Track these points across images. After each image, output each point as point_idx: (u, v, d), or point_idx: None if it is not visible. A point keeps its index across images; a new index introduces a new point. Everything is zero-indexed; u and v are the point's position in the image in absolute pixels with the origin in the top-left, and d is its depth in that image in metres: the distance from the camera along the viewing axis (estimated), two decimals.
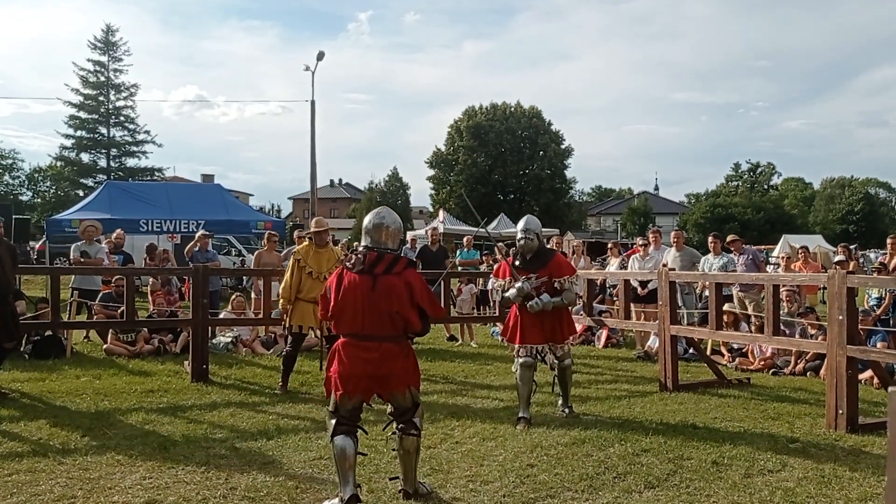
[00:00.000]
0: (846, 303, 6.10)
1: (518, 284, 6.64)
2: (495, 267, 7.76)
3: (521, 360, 6.77)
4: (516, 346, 6.91)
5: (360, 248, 4.74)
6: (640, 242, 12.41)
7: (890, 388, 0.75)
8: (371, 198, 55.32)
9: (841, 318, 6.11)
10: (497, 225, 32.92)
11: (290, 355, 8.05)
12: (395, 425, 4.71)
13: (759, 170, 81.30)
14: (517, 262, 6.82)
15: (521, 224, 6.91)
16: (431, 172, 60.15)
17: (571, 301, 6.89)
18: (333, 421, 4.56)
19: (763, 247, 32.67)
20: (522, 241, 6.76)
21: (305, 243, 8.20)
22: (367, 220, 4.82)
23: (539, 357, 6.88)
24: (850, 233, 61.98)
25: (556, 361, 6.94)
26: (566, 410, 7.06)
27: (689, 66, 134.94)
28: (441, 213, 33.90)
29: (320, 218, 8.46)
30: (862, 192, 70.83)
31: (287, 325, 8.02)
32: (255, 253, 12.75)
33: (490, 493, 4.76)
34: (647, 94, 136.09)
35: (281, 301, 8.03)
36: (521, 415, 6.66)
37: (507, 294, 6.79)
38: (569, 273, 6.79)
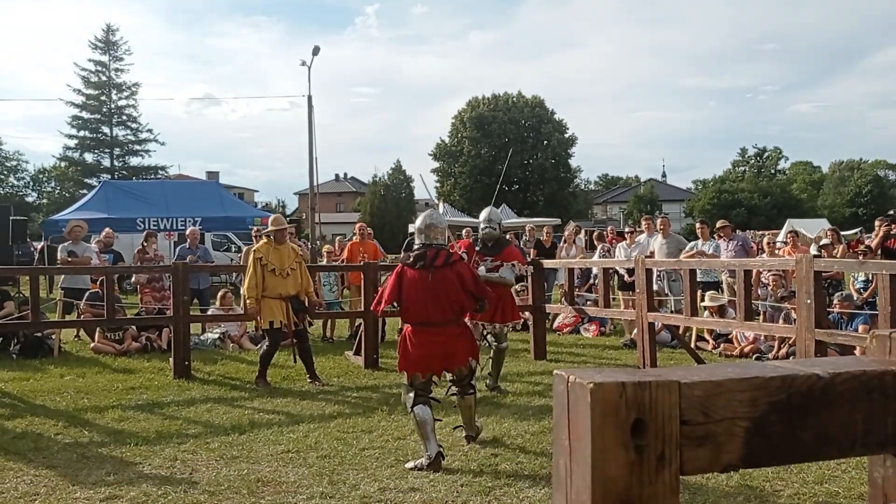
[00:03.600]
0: (814, 287, 6.08)
1: None
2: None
3: None
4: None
5: (416, 246, 5.49)
6: (628, 230, 12.39)
7: (555, 371, 0.76)
8: (375, 191, 55.29)
9: (809, 301, 6.10)
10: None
11: (268, 353, 8.10)
12: (453, 389, 5.57)
13: (766, 154, 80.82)
14: (478, 248, 7.59)
15: (484, 214, 7.68)
16: (436, 165, 60.15)
17: (506, 278, 7.46)
18: (411, 394, 5.31)
19: (768, 232, 32.47)
20: (486, 230, 7.57)
21: (264, 241, 8.20)
22: (418, 221, 5.65)
23: (483, 337, 7.52)
24: (859, 216, 61.53)
25: (494, 343, 7.58)
26: (494, 386, 7.56)
27: (696, 50, 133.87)
28: (441, 205, 33.89)
29: (278, 216, 8.57)
30: (871, 174, 70.28)
31: (258, 325, 8.08)
32: (244, 249, 12.81)
33: (449, 483, 4.79)
34: (654, 81, 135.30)
35: (248, 301, 8.01)
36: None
37: None
38: (516, 260, 7.59)
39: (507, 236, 10.79)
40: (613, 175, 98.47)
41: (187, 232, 12.67)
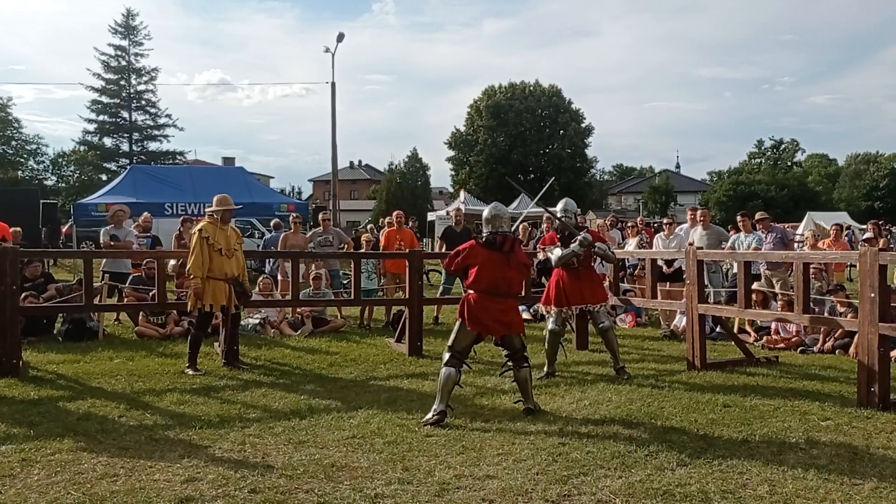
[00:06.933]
0: (878, 280, 6.06)
1: (579, 237, 7.69)
2: (541, 238, 9.22)
3: (550, 328, 7.87)
4: (544, 308, 8.08)
5: (486, 233, 6.30)
6: (666, 221, 12.36)
7: None
8: (391, 179, 55.23)
9: (872, 295, 6.08)
10: (518, 205, 32.84)
11: (198, 337, 8.13)
12: (509, 363, 6.31)
13: (783, 146, 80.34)
14: (558, 236, 8.14)
15: (560, 206, 8.20)
16: (451, 153, 60.06)
17: (607, 253, 8.00)
18: (448, 354, 6.13)
19: (787, 225, 32.28)
20: (563, 219, 8.08)
21: (207, 220, 8.10)
22: (486, 213, 6.44)
23: (568, 325, 8.16)
24: (876, 209, 61.16)
25: (597, 326, 8.02)
26: (619, 368, 7.85)
27: (713, 40, 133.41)
28: (462, 193, 33.86)
29: (225, 196, 8.21)
30: (888, 168, 69.73)
31: (200, 305, 7.97)
32: (282, 236, 12.85)
33: (524, 471, 4.79)
34: (670, 70, 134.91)
35: (194, 280, 7.87)
36: (546, 370, 7.80)
37: (564, 252, 7.72)
38: (601, 241, 8.10)
39: (544, 226, 11.32)
40: (628, 165, 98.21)
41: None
